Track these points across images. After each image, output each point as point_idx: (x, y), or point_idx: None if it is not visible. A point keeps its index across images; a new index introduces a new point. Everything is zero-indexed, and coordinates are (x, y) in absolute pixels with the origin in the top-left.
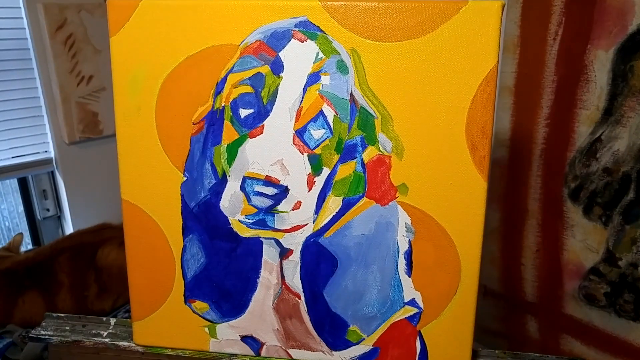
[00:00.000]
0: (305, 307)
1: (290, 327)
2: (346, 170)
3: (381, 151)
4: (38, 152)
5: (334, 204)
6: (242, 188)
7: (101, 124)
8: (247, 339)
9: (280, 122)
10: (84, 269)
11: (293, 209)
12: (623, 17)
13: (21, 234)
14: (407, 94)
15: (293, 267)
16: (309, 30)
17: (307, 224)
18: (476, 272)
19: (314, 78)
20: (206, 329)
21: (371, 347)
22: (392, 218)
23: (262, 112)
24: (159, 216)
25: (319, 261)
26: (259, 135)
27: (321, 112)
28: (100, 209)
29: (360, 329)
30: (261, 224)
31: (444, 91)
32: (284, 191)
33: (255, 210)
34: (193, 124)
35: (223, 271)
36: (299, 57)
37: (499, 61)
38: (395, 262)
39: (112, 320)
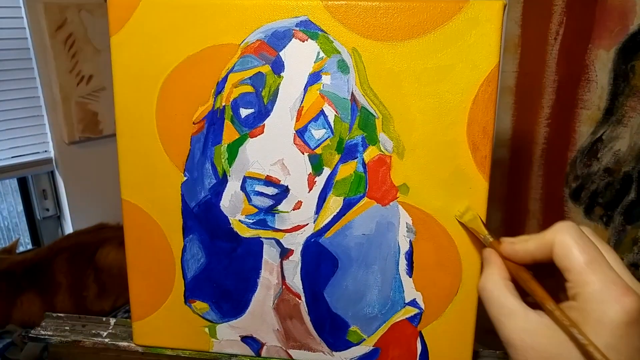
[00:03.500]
0: (306, 308)
1: (290, 327)
2: (347, 170)
3: (382, 151)
4: (38, 152)
5: (334, 204)
6: (243, 188)
7: (101, 124)
8: (247, 340)
9: (280, 121)
10: (83, 270)
11: (294, 209)
12: (624, 17)
13: (18, 237)
14: (408, 94)
15: (293, 268)
16: (310, 29)
17: (307, 224)
18: (477, 273)
19: (314, 78)
20: (206, 329)
21: (372, 348)
22: (393, 218)
23: (263, 112)
24: (159, 216)
25: (319, 261)
26: (259, 135)
27: (322, 112)
28: (100, 209)
29: (361, 330)
30: (262, 224)
31: (445, 91)
32: (284, 191)
33: (256, 210)
34: (193, 123)
35: (223, 271)
36: (299, 56)
37: (500, 61)
38: (396, 263)
39: (112, 321)
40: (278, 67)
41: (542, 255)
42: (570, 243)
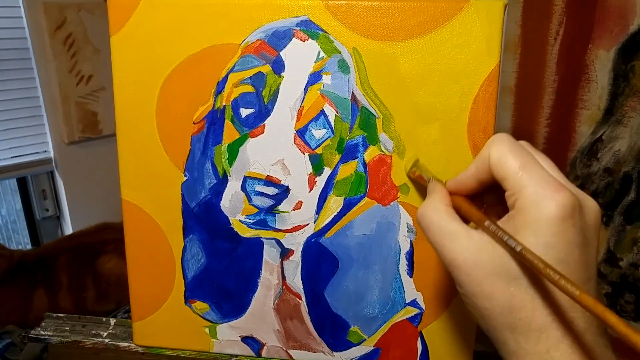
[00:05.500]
0: (306, 308)
1: (291, 327)
2: (347, 170)
3: (383, 151)
4: (37, 152)
5: (335, 204)
6: (243, 188)
7: (100, 124)
8: (247, 340)
9: (281, 121)
10: (82, 270)
11: (294, 209)
12: (624, 17)
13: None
14: (409, 94)
15: (294, 268)
16: (311, 29)
17: (308, 224)
18: None
19: (315, 77)
20: (206, 330)
21: (372, 348)
22: (393, 218)
23: (263, 112)
24: (159, 216)
25: (320, 261)
26: (260, 134)
27: (322, 112)
28: (99, 209)
29: (362, 330)
30: (262, 224)
31: (445, 91)
32: (284, 191)
33: (256, 210)
34: (194, 123)
35: (224, 271)
36: (300, 56)
37: (500, 61)
38: (396, 263)
39: (112, 321)
40: (278, 66)
41: (483, 174)
42: (504, 151)
